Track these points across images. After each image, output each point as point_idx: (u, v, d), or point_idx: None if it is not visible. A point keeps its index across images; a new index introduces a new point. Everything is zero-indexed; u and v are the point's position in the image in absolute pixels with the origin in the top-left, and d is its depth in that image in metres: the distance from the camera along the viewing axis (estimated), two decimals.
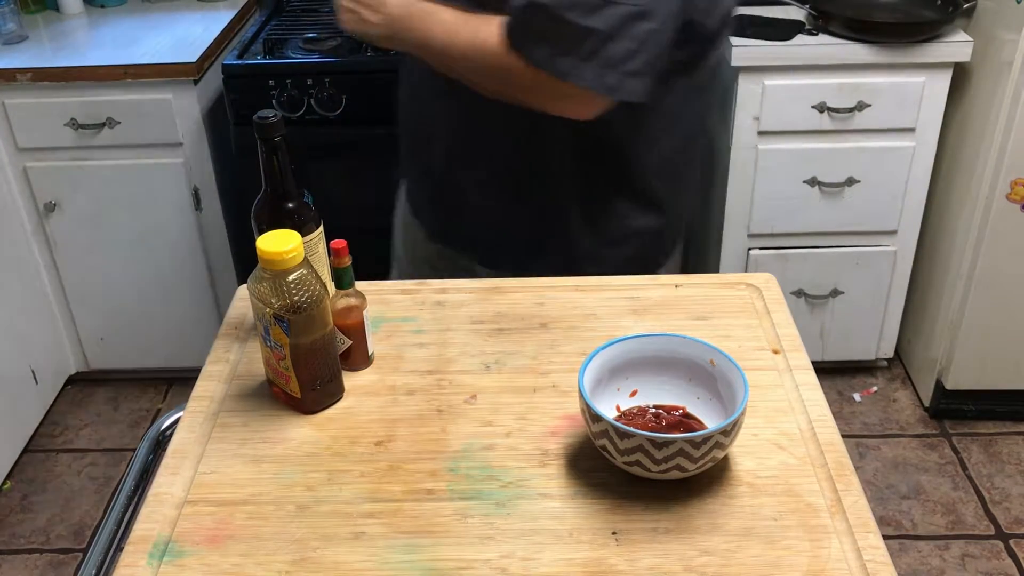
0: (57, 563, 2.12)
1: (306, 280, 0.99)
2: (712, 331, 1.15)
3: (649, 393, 1.02)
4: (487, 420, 1.04)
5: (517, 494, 0.94)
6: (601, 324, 1.18)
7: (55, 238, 2.40)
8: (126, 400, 2.60)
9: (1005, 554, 2.07)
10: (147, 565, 0.88)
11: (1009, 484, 2.24)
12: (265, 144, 1.04)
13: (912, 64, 2.13)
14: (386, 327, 1.19)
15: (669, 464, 0.88)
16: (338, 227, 1.68)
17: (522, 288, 1.26)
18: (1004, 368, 2.35)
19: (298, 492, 0.95)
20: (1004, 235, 2.16)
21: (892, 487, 2.25)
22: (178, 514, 0.93)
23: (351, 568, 0.87)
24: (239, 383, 1.11)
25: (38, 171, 2.31)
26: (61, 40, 2.38)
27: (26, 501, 2.29)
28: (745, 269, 2.40)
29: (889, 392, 2.55)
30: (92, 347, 2.57)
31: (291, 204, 1.07)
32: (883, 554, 0.86)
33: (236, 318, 1.22)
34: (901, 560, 2.06)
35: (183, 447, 1.01)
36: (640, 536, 0.89)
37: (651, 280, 1.27)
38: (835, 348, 2.52)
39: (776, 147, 2.24)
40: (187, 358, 2.46)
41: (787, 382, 1.08)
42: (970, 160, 2.19)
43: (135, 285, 2.46)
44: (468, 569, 0.86)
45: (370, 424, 1.04)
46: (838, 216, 2.31)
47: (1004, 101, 2.04)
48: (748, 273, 1.63)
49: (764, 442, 0.99)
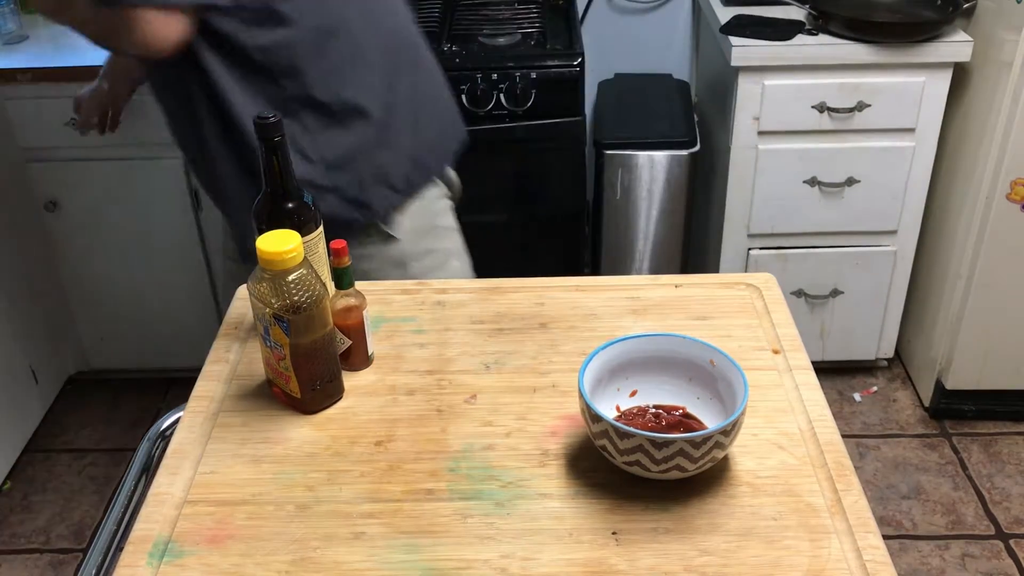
0: (57, 563, 2.12)
1: (306, 280, 0.99)
2: (712, 331, 1.15)
3: (649, 393, 1.02)
4: (487, 420, 1.04)
5: (517, 494, 0.94)
6: (601, 324, 1.18)
7: (55, 238, 2.40)
8: (126, 400, 2.60)
9: (1005, 554, 2.07)
10: (147, 565, 0.88)
11: (1009, 484, 2.24)
12: (265, 144, 1.04)
13: (912, 64, 2.13)
14: (386, 327, 1.19)
15: (669, 464, 0.88)
16: None
17: (522, 288, 1.26)
18: (1004, 368, 2.34)
19: (298, 492, 0.95)
20: (1004, 235, 2.16)
21: (892, 487, 2.25)
22: (178, 514, 0.93)
23: (351, 568, 0.87)
24: (239, 383, 1.11)
25: (38, 171, 2.31)
26: (61, 40, 2.38)
27: (26, 501, 2.29)
28: (745, 269, 2.40)
29: (889, 392, 2.55)
30: (92, 347, 2.57)
31: (291, 204, 1.07)
32: (883, 554, 0.86)
33: (236, 318, 1.22)
34: (901, 560, 2.06)
35: (183, 447, 1.01)
36: (640, 536, 0.89)
37: (651, 280, 1.27)
38: (835, 348, 2.52)
39: (776, 147, 2.24)
40: (187, 358, 2.44)
41: (787, 382, 1.08)
42: (970, 160, 2.19)
43: (135, 285, 2.46)
44: (468, 569, 0.86)
45: (370, 424, 1.04)
46: (838, 216, 2.31)
47: (1004, 101, 2.04)
48: (748, 273, 1.63)
49: (764, 442, 0.99)
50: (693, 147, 2.30)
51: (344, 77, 1.32)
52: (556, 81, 2.11)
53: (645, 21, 2.68)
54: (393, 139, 1.38)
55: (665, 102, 2.51)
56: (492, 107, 2.10)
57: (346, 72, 1.32)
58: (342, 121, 1.33)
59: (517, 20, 2.37)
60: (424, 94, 1.44)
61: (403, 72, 1.40)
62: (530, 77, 2.09)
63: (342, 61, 1.32)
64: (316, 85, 1.30)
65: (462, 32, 2.29)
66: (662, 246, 2.41)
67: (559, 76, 2.11)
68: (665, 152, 2.28)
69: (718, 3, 2.36)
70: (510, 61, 2.12)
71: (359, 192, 1.37)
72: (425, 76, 1.46)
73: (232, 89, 1.28)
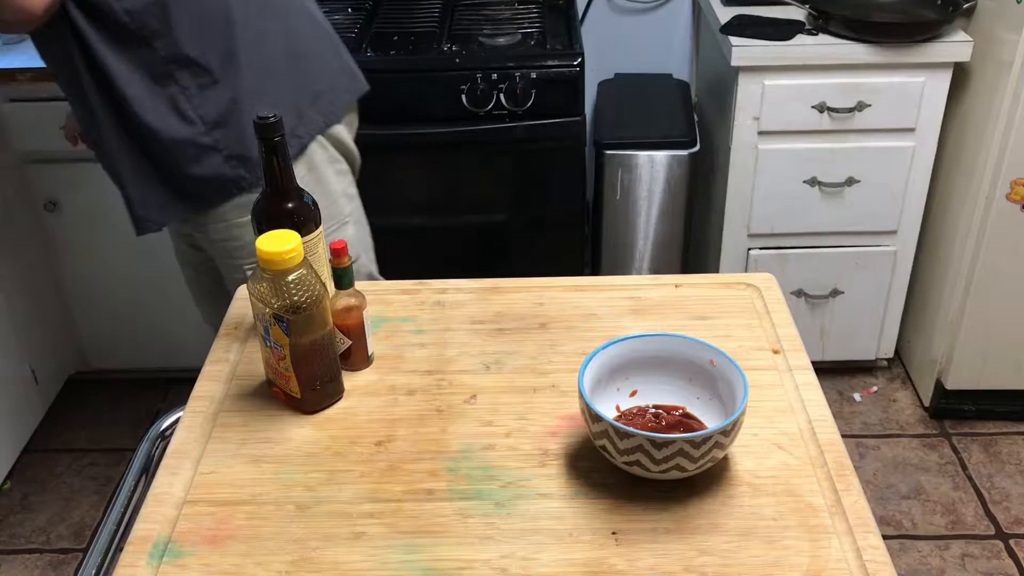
0: (57, 563, 2.12)
1: (306, 280, 0.99)
2: (712, 331, 1.15)
3: (649, 393, 1.02)
4: (487, 420, 1.04)
5: (517, 494, 0.94)
6: (601, 324, 1.18)
7: (55, 238, 2.40)
8: (126, 400, 2.60)
9: (1005, 554, 2.07)
10: (147, 565, 0.88)
11: (1009, 484, 2.24)
12: (265, 144, 1.04)
13: (912, 64, 2.13)
14: (386, 327, 1.19)
15: (669, 464, 0.88)
16: None
17: (522, 288, 1.26)
18: (1004, 368, 2.34)
19: (298, 492, 0.95)
20: (1004, 235, 2.16)
21: (892, 487, 2.25)
22: (178, 514, 0.93)
23: (351, 568, 0.87)
24: (239, 383, 1.11)
25: (38, 171, 2.31)
26: None
27: (26, 501, 2.29)
28: (745, 269, 2.40)
29: (889, 392, 2.55)
30: (92, 347, 2.57)
31: (291, 204, 1.07)
32: (883, 554, 0.86)
33: (236, 318, 1.22)
34: (901, 560, 2.06)
35: (183, 447, 1.01)
36: (640, 536, 0.89)
37: (651, 280, 1.27)
38: (835, 348, 2.52)
39: (776, 147, 2.24)
40: (187, 358, 2.45)
41: (787, 382, 1.08)
42: (970, 160, 2.19)
43: (135, 285, 2.46)
44: (468, 569, 0.86)
45: (370, 424, 1.04)
46: (838, 216, 2.31)
47: (1004, 101, 2.04)
48: (748, 273, 1.63)
49: (764, 442, 0.99)
50: (693, 147, 2.30)
51: (212, 31, 1.33)
52: (556, 81, 2.11)
53: (645, 21, 2.68)
54: (271, 90, 1.38)
55: (665, 102, 2.51)
56: (492, 107, 2.10)
57: (214, 26, 1.33)
58: (216, 77, 1.34)
59: (517, 20, 2.37)
60: (304, 45, 1.44)
61: (274, 22, 1.40)
62: (530, 77, 2.09)
63: (209, 15, 1.33)
64: (186, 42, 1.31)
65: (462, 32, 2.29)
66: (662, 246, 2.41)
67: (559, 76, 2.11)
68: (665, 152, 2.28)
69: (718, 3, 2.36)
70: (510, 61, 2.12)
71: (240, 147, 1.37)
72: (304, 27, 1.46)
73: (107, 55, 1.30)
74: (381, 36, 2.26)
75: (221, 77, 1.34)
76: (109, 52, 1.30)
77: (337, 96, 1.49)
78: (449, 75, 2.10)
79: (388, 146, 2.13)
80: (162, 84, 1.33)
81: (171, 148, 1.36)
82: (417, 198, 2.28)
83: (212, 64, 1.33)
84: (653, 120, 2.41)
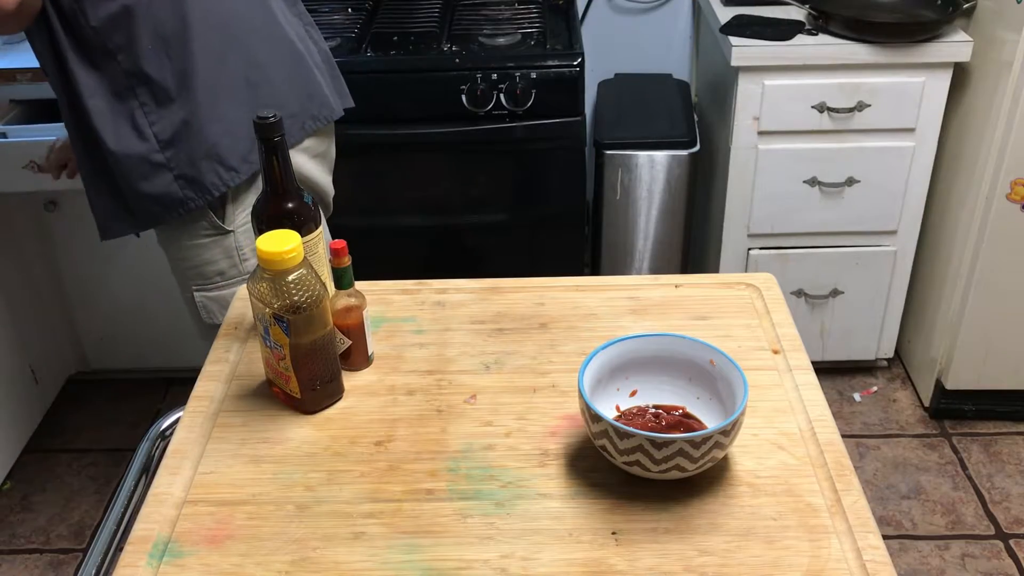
0: (57, 563, 2.12)
1: (306, 280, 0.99)
2: (712, 331, 1.16)
3: (649, 393, 1.02)
4: (487, 420, 1.04)
5: (517, 494, 0.94)
6: (601, 324, 1.18)
7: (55, 238, 2.40)
8: (126, 400, 2.60)
9: (1005, 554, 2.07)
10: (147, 565, 0.88)
11: (1009, 484, 2.24)
12: (265, 144, 1.04)
13: (912, 64, 2.13)
14: (386, 327, 1.19)
15: (669, 464, 0.88)
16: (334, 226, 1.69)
17: (522, 288, 1.26)
18: (1004, 368, 2.34)
19: (298, 492, 0.95)
20: (1004, 235, 2.16)
21: (892, 487, 2.25)
22: (178, 514, 0.93)
23: (351, 568, 0.87)
24: (239, 383, 1.11)
25: None
26: None
27: (26, 501, 2.29)
28: (745, 269, 2.40)
29: (889, 392, 2.55)
30: (92, 347, 2.57)
31: (291, 204, 1.07)
32: (883, 554, 0.86)
33: (236, 318, 1.22)
34: (901, 560, 2.06)
35: (183, 447, 1.01)
36: (640, 536, 0.89)
37: (651, 280, 1.27)
38: (835, 348, 2.52)
39: (776, 147, 2.24)
40: (187, 358, 2.45)
41: (787, 382, 1.08)
42: (970, 160, 2.19)
43: (135, 285, 2.45)
44: (468, 569, 0.86)
45: (370, 424, 1.04)
46: (838, 216, 2.31)
47: (1004, 101, 2.04)
48: (748, 273, 1.63)
49: (764, 442, 0.99)
50: (693, 147, 2.30)
51: (171, 51, 1.33)
52: (556, 81, 2.11)
53: (645, 21, 2.68)
54: (227, 113, 1.38)
55: (665, 102, 2.51)
56: (492, 107, 2.10)
57: (172, 46, 1.33)
58: (172, 96, 1.35)
59: (517, 20, 2.37)
60: (264, 71, 1.43)
61: (235, 46, 1.39)
62: (530, 77, 2.09)
63: (169, 35, 1.33)
64: (145, 60, 1.32)
65: (462, 32, 2.29)
66: (662, 246, 2.41)
67: (559, 76, 2.11)
68: (665, 152, 2.28)
69: (718, 3, 2.36)
70: (510, 61, 2.12)
71: (190, 168, 1.37)
72: (266, 53, 1.43)
73: (76, 64, 1.32)
74: (381, 36, 2.26)
75: (176, 96, 1.35)
76: (78, 62, 1.32)
77: (295, 123, 1.46)
78: (449, 75, 2.10)
79: (388, 146, 2.14)
80: (122, 99, 1.34)
81: (124, 162, 1.36)
82: (417, 198, 2.28)
83: (168, 83, 1.34)
84: (653, 120, 2.41)
